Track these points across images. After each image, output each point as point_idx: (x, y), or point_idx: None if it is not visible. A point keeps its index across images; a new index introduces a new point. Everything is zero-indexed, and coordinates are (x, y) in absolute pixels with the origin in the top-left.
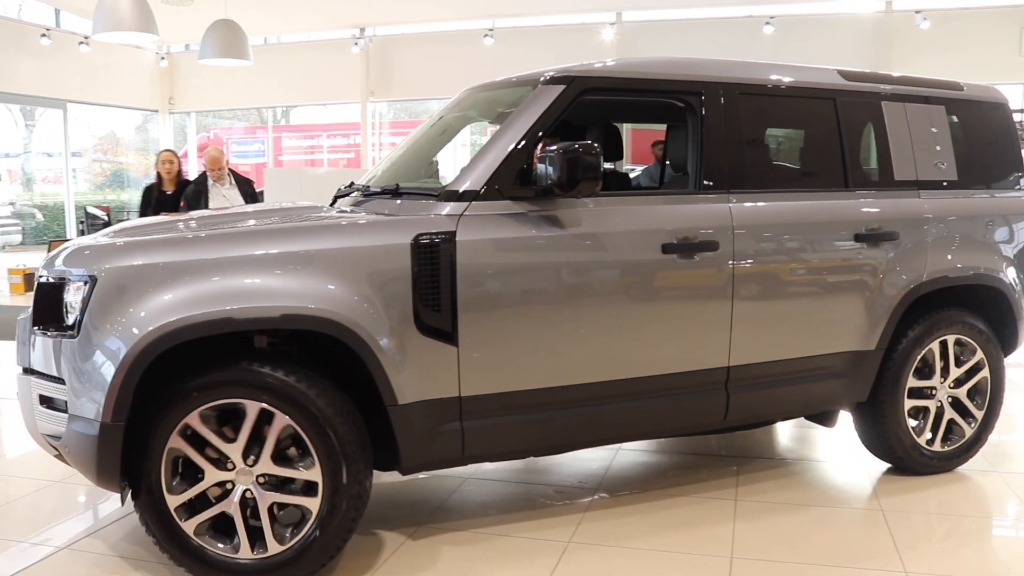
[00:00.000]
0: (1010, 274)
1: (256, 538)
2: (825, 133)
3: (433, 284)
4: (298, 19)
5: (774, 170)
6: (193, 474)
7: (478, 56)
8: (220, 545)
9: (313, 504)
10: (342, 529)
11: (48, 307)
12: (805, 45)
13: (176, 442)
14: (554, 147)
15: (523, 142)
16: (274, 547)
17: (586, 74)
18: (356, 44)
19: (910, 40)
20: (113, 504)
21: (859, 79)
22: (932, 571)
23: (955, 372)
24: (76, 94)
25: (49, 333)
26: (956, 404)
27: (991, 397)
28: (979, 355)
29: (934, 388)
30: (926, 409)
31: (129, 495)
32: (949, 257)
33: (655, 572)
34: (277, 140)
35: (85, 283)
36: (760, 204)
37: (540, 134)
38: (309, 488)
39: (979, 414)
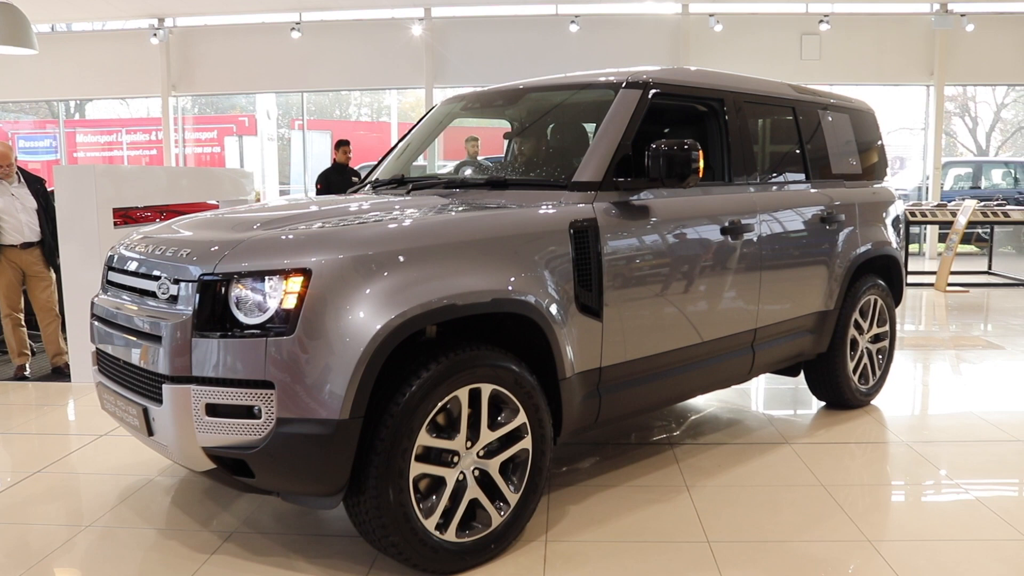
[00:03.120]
0: (896, 246)
1: (468, 519)
2: (792, 135)
3: (585, 265)
4: (89, 6)
5: (765, 164)
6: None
7: (286, 50)
8: (468, 530)
9: (512, 495)
10: (536, 499)
11: (222, 307)
12: (609, 44)
13: (422, 436)
14: (666, 144)
15: (623, 138)
16: (496, 521)
17: (654, 80)
18: (155, 35)
19: (705, 41)
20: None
21: (804, 92)
22: (733, 538)
23: (871, 325)
24: None
25: (240, 334)
26: (872, 350)
27: (891, 339)
28: (884, 310)
29: (860, 339)
30: (859, 356)
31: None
32: (871, 235)
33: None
34: (71, 136)
35: (287, 278)
36: (767, 193)
37: (634, 131)
38: (518, 468)
39: (885, 355)
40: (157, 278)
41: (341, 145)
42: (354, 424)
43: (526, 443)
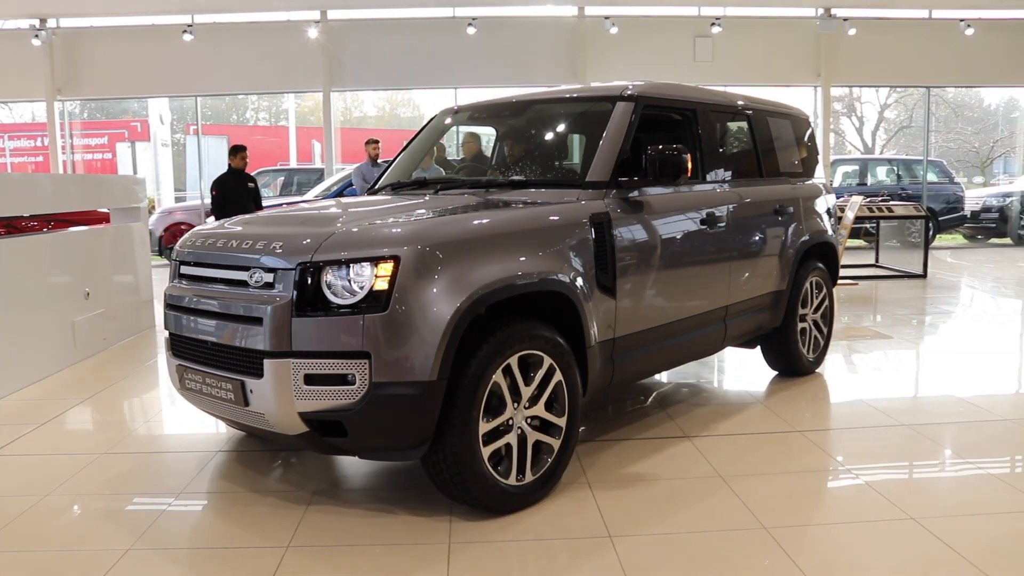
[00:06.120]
0: (831, 233)
1: (520, 465)
2: (748, 139)
3: (602, 251)
4: None
5: (729, 164)
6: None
7: (178, 53)
8: (502, 470)
9: (556, 443)
10: (572, 449)
11: (320, 290)
12: (507, 46)
13: (495, 383)
14: (661, 148)
15: (623, 143)
16: (529, 475)
17: (643, 93)
18: (36, 36)
19: (601, 44)
20: None
21: (755, 102)
22: (634, 532)
23: (815, 303)
24: None
25: (337, 313)
26: (815, 324)
27: (830, 315)
28: (825, 290)
29: (806, 315)
30: (804, 329)
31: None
32: (813, 225)
33: (377, 565)
34: None
35: (379, 264)
36: (731, 188)
37: (632, 137)
38: (555, 428)
39: (826, 329)
40: (247, 268)
41: (237, 151)
42: (440, 385)
43: (563, 401)
